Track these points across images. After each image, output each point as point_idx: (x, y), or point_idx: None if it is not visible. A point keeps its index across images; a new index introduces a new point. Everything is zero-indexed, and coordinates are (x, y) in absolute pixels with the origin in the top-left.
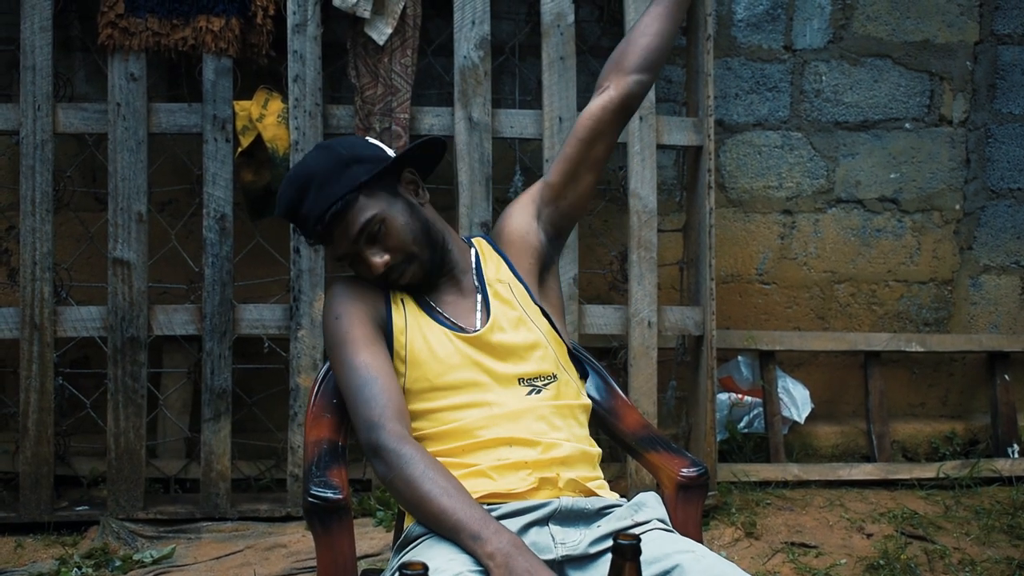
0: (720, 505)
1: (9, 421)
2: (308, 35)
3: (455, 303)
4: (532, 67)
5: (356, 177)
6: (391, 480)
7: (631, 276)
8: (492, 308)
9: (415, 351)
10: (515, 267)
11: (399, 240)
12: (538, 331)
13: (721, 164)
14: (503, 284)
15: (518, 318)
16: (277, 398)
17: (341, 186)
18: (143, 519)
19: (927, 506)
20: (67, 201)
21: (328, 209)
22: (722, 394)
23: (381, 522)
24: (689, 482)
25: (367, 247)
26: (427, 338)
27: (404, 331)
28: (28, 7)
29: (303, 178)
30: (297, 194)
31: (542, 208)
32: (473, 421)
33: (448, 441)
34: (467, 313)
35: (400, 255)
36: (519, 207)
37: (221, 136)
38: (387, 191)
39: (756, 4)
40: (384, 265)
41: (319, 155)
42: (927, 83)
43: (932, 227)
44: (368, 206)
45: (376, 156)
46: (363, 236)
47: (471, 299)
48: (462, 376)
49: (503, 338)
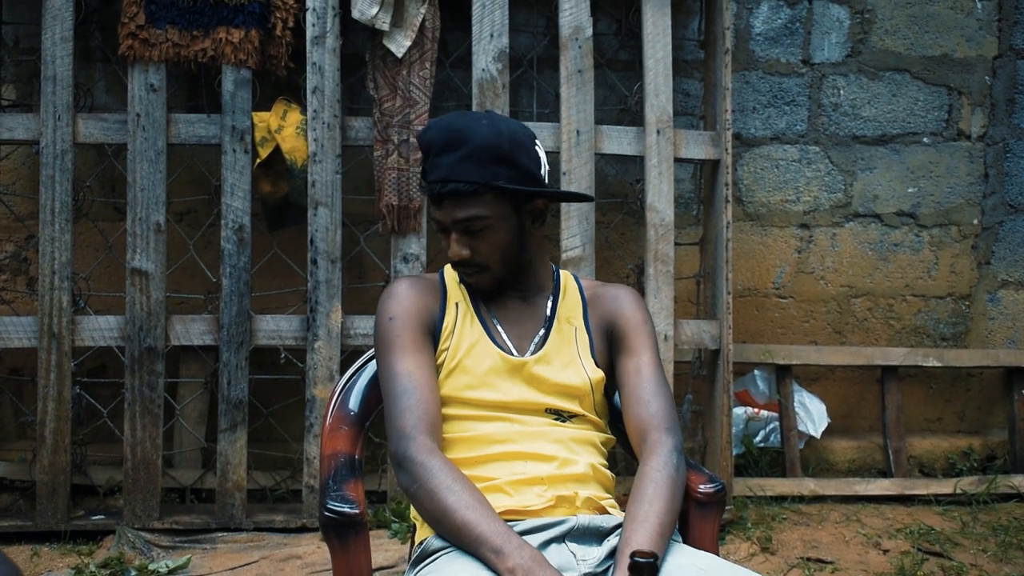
0: (736, 520)
1: (26, 430)
2: (327, 47)
3: (516, 322)
4: (550, 80)
5: (498, 176)
6: (414, 491)
7: (648, 289)
8: (549, 341)
9: (454, 358)
10: (589, 318)
11: (489, 250)
12: (586, 377)
13: (738, 178)
14: (570, 325)
15: (571, 359)
16: (293, 409)
17: (481, 173)
18: (159, 529)
19: (944, 522)
20: (86, 211)
21: (455, 182)
22: (738, 408)
23: (396, 534)
24: (706, 498)
25: (459, 234)
26: (470, 348)
27: (451, 335)
28: (50, 18)
29: (461, 136)
30: (444, 143)
31: (611, 351)
32: (492, 432)
33: (465, 449)
34: (524, 336)
35: (481, 260)
36: (623, 319)
37: (240, 147)
38: (513, 204)
39: (774, 18)
40: (460, 258)
41: (489, 130)
42: (945, 97)
43: (950, 242)
44: (488, 206)
45: (528, 169)
46: (463, 224)
47: (535, 324)
48: (492, 396)
49: (546, 372)
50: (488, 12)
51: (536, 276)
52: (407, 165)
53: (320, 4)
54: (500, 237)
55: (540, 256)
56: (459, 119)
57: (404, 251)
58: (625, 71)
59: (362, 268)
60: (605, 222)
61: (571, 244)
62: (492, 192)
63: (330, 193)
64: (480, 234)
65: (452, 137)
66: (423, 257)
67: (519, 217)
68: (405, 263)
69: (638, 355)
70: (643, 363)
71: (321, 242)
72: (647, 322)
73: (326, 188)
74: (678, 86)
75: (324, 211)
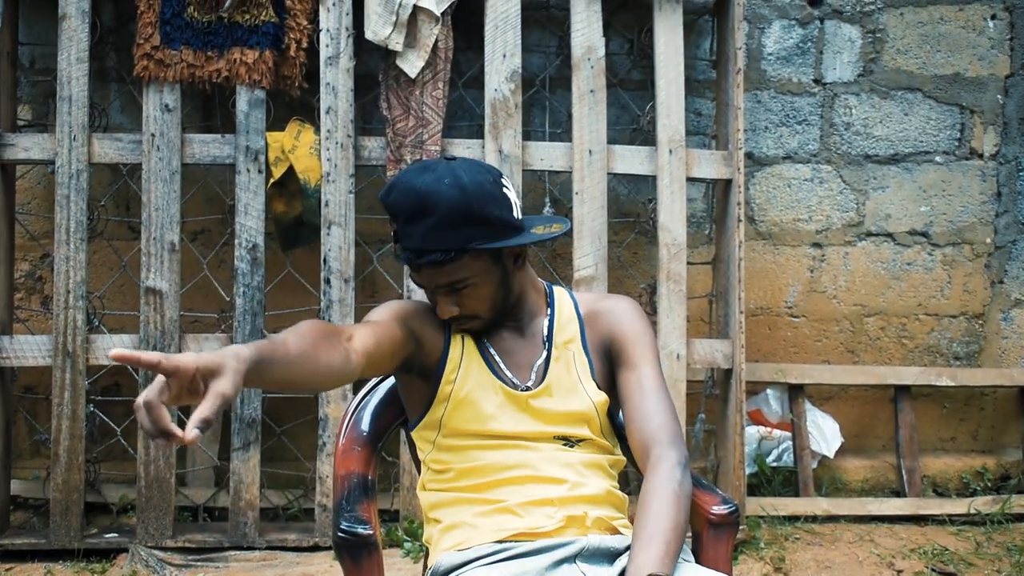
0: (749, 540)
1: (40, 448)
2: (341, 67)
3: (515, 352)
4: (562, 99)
5: (472, 237)
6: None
7: (660, 309)
8: (550, 370)
9: (460, 394)
10: (587, 340)
11: (476, 304)
12: (590, 403)
13: (750, 197)
14: (568, 351)
15: (572, 386)
16: (306, 427)
17: (455, 238)
18: (172, 547)
19: (958, 542)
20: (101, 230)
21: (430, 251)
22: (751, 427)
23: (409, 553)
24: (720, 520)
25: (444, 295)
26: (476, 384)
27: (457, 369)
28: (65, 39)
29: (427, 203)
30: (412, 211)
31: (611, 367)
32: (502, 460)
33: (476, 476)
34: (524, 366)
35: (469, 313)
36: (620, 332)
37: (254, 167)
38: (492, 257)
39: (786, 37)
40: (450, 315)
41: (454, 189)
42: (958, 116)
43: (963, 260)
44: (467, 267)
45: (500, 219)
46: (446, 287)
47: (533, 352)
48: (500, 428)
49: (549, 403)
50: (500, 32)
51: (528, 303)
52: None
53: (334, 25)
54: (485, 291)
55: (528, 286)
56: (421, 180)
57: None
58: (637, 91)
59: (375, 287)
60: (617, 241)
61: (583, 264)
62: (468, 254)
63: (343, 212)
64: (465, 291)
65: (418, 204)
66: None
67: (501, 265)
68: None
69: (639, 368)
70: (644, 376)
71: (334, 261)
72: (646, 332)
73: (339, 207)
74: (690, 105)
75: (337, 230)
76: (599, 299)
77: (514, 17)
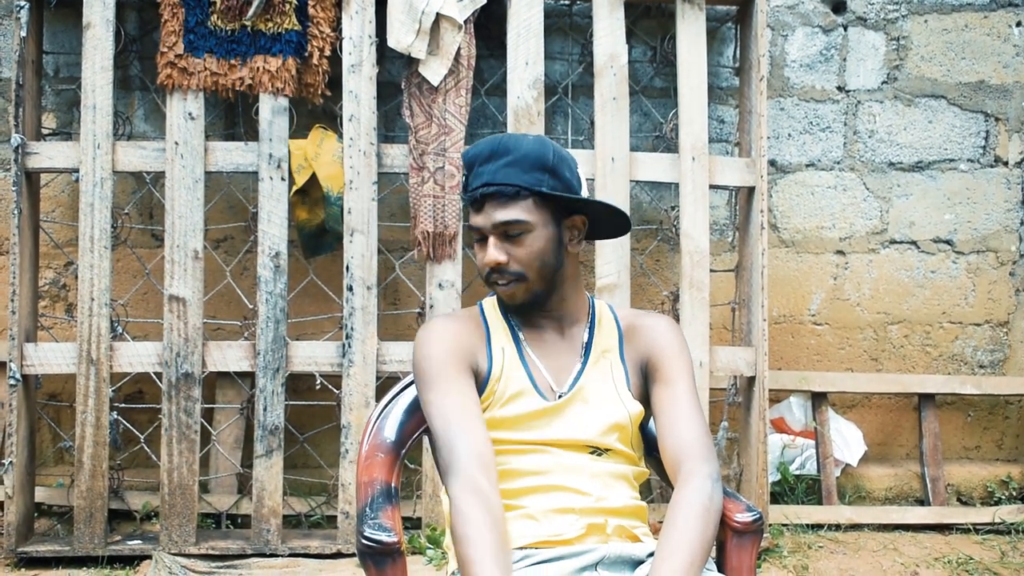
0: (772, 548)
1: (64, 455)
2: (363, 75)
3: (553, 354)
4: (584, 107)
5: (541, 182)
6: (452, 527)
7: (683, 316)
8: (584, 374)
9: (500, 403)
10: (624, 351)
11: (526, 256)
12: (626, 413)
13: (773, 204)
14: (606, 360)
15: (608, 395)
16: (328, 435)
17: (524, 178)
18: (195, 554)
19: (982, 551)
20: (124, 238)
21: (498, 185)
22: (774, 435)
23: (431, 560)
24: (744, 528)
25: (497, 240)
26: (514, 393)
27: (499, 380)
28: (90, 48)
29: (506, 146)
30: (489, 153)
31: (646, 382)
32: (528, 465)
33: (502, 482)
34: (561, 368)
35: (516, 267)
36: (658, 348)
37: (277, 175)
38: (553, 214)
39: (809, 45)
40: (496, 264)
41: (535, 141)
42: (982, 123)
43: (987, 268)
44: (528, 211)
45: (570, 183)
46: (502, 228)
47: (571, 356)
48: (532, 435)
49: (584, 410)
50: (523, 40)
51: (571, 303)
52: (443, 192)
53: (357, 33)
54: (538, 244)
55: (575, 282)
56: (505, 135)
57: (439, 278)
58: (660, 98)
59: (397, 295)
60: (640, 249)
61: (606, 271)
62: (534, 197)
63: (366, 220)
64: (518, 239)
65: (497, 147)
66: (458, 284)
67: (558, 229)
68: (440, 290)
69: (674, 384)
70: (679, 391)
71: (357, 269)
72: (683, 351)
73: (362, 215)
74: (713, 113)
75: (360, 238)
76: (639, 315)
77: (536, 25)
